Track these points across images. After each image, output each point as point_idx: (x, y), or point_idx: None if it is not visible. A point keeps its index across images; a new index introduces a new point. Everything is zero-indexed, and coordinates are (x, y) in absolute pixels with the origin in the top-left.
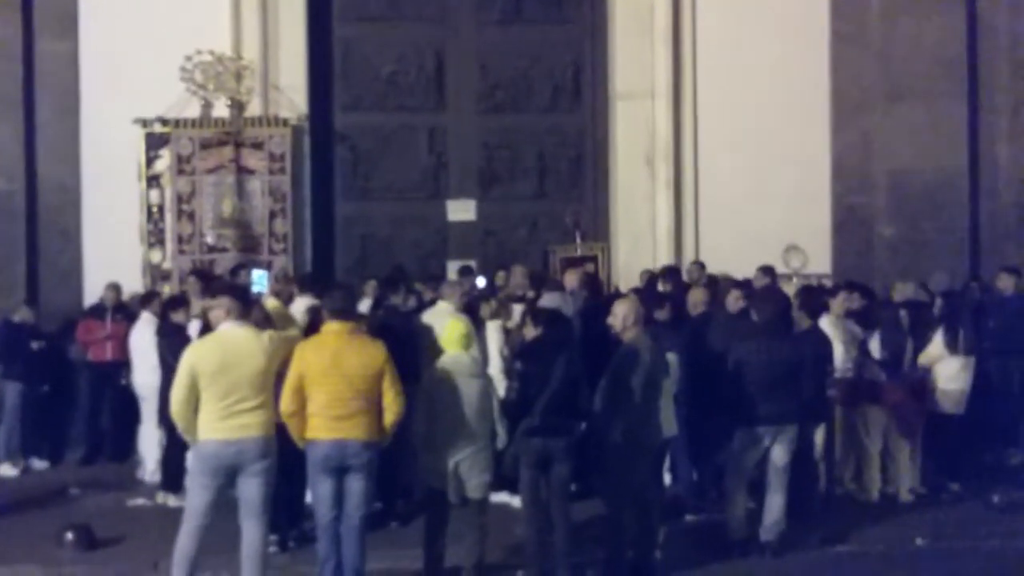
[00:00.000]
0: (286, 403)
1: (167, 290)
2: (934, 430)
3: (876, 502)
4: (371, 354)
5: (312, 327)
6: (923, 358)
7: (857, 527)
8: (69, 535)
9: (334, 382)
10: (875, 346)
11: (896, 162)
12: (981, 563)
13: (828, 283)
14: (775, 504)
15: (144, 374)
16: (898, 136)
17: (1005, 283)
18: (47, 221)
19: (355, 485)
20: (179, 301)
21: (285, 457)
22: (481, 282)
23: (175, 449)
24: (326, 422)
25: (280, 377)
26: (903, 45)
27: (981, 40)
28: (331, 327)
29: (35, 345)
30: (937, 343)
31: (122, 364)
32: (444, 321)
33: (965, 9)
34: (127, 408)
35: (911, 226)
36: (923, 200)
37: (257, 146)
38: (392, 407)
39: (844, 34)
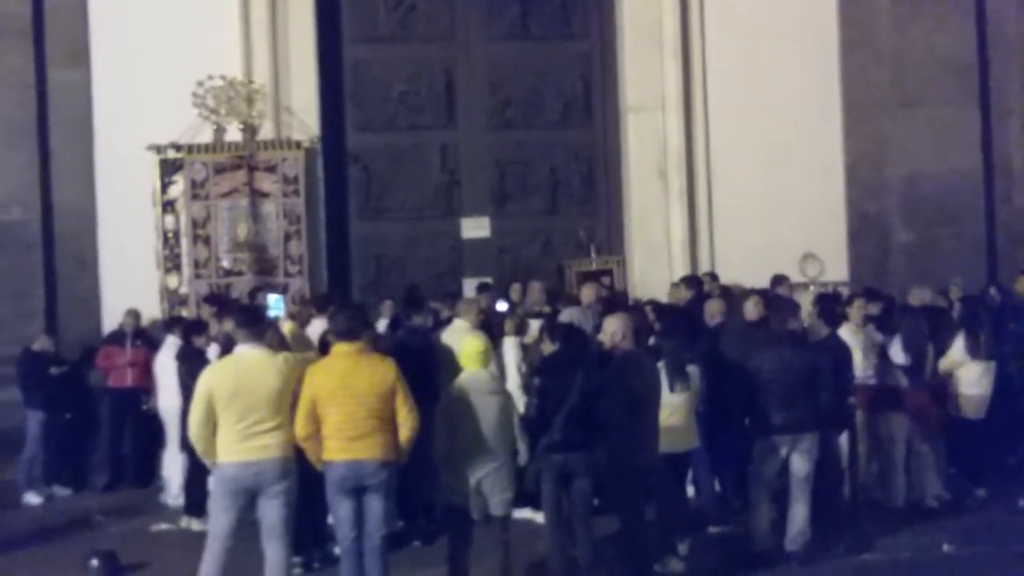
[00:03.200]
0: (300, 427)
1: (185, 314)
2: (956, 435)
3: (901, 509)
4: (381, 372)
5: (323, 350)
6: (944, 363)
7: (883, 534)
8: (94, 562)
9: (346, 403)
10: (895, 352)
11: (910, 168)
12: (1009, 568)
13: (845, 291)
14: (799, 514)
15: (168, 398)
16: (911, 142)
17: None
18: (63, 249)
19: (374, 505)
20: (200, 326)
21: (306, 478)
22: (503, 306)
23: (198, 473)
24: (341, 443)
25: (296, 399)
26: (914, 52)
27: (991, 45)
28: (339, 348)
29: (55, 370)
30: (958, 348)
31: (143, 390)
32: (461, 339)
33: (975, 14)
34: (149, 433)
35: (926, 232)
36: (938, 205)
37: (270, 169)
38: (407, 423)
39: (854, 42)
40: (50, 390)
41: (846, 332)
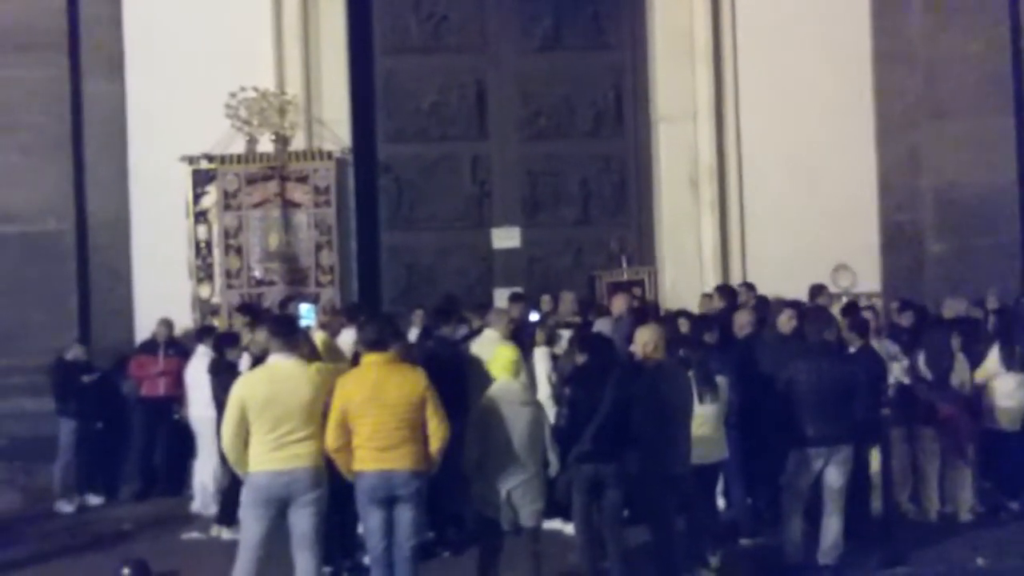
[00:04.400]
0: (331, 438)
1: (218, 324)
2: (991, 448)
3: (934, 522)
4: (412, 382)
5: (354, 361)
6: (978, 375)
7: (916, 548)
8: (125, 570)
9: (376, 413)
10: (921, 365)
11: (943, 178)
12: None
13: (878, 302)
14: (832, 527)
15: (200, 408)
16: (945, 152)
17: None
18: (97, 259)
19: (404, 515)
20: (232, 338)
21: (336, 488)
22: (535, 316)
23: (234, 482)
24: (371, 453)
25: (327, 409)
26: (947, 61)
27: None
28: (369, 359)
29: (86, 378)
30: (992, 360)
31: (175, 399)
32: (492, 349)
33: (1009, 23)
34: (180, 443)
35: (960, 242)
36: (972, 215)
37: (302, 180)
38: (437, 433)
39: (886, 51)
40: (82, 399)
41: None
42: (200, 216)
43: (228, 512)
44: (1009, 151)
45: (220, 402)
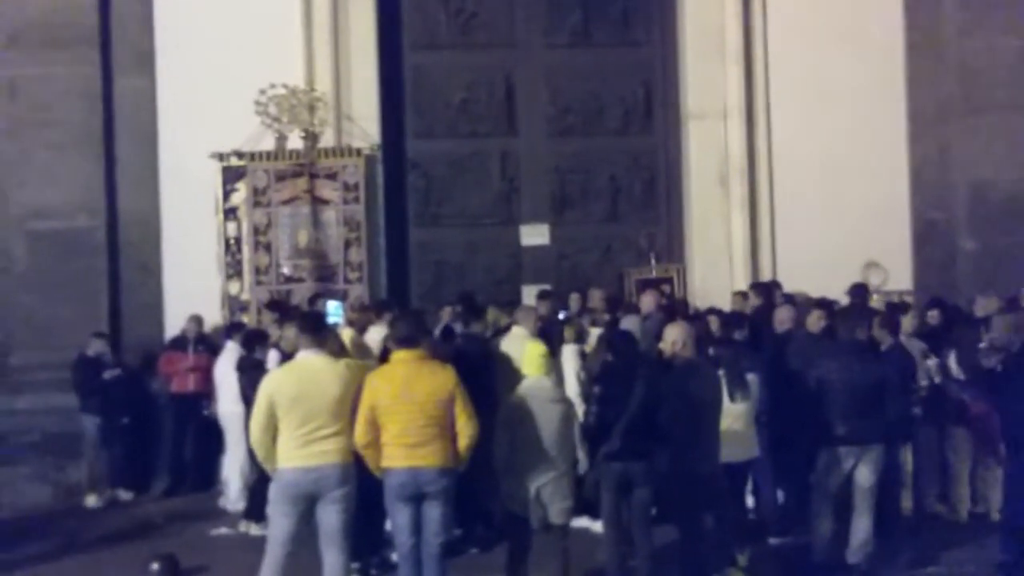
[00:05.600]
0: (360, 434)
1: (246, 320)
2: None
3: (965, 522)
4: (441, 379)
5: (383, 358)
6: None
7: (946, 548)
8: (155, 565)
9: (406, 410)
10: (952, 364)
11: (976, 175)
12: None
13: (910, 299)
14: (862, 526)
15: (228, 403)
16: (977, 148)
17: None
18: (128, 255)
19: (433, 512)
20: (261, 336)
21: (364, 484)
22: (563, 315)
23: (263, 478)
24: (400, 450)
25: (355, 406)
26: (980, 57)
27: None
28: (399, 355)
29: (108, 375)
30: None
31: (204, 395)
32: (520, 346)
33: None
34: (209, 438)
35: (993, 240)
36: (1004, 212)
37: (331, 176)
38: (465, 431)
39: (919, 47)
40: (105, 394)
41: None
42: (230, 213)
43: (256, 508)
44: None
45: (248, 399)
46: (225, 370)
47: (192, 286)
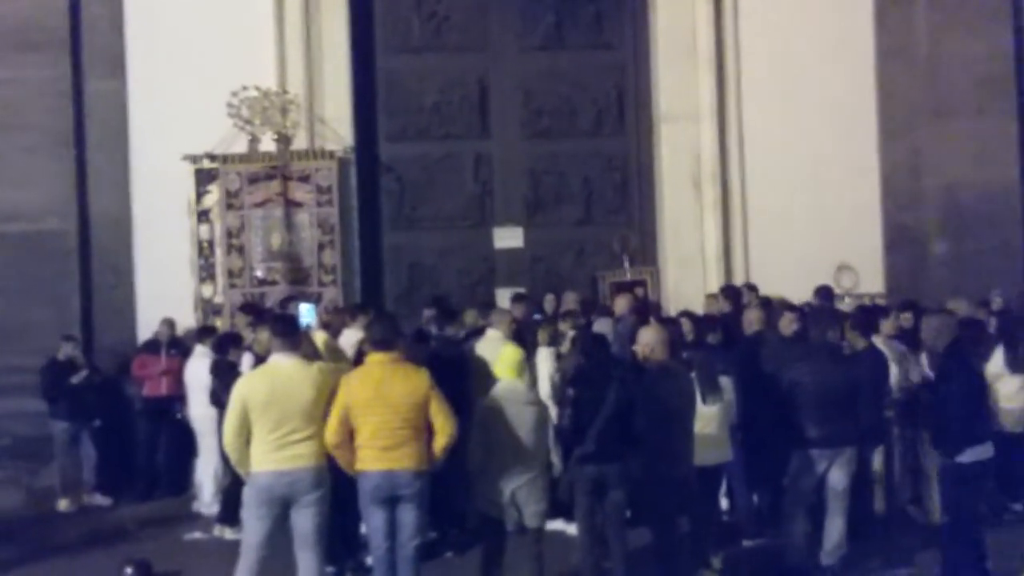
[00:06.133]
0: (331, 434)
1: (219, 324)
2: (995, 450)
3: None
4: (415, 382)
5: (357, 361)
6: None
7: (919, 550)
8: (128, 570)
9: (380, 412)
10: (925, 366)
11: (947, 179)
12: None
13: (882, 302)
14: (835, 528)
15: (200, 407)
16: (948, 152)
17: None
18: (99, 258)
19: (407, 515)
20: (235, 339)
21: (338, 487)
22: (539, 318)
23: (236, 482)
24: (374, 453)
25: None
26: (950, 62)
27: None
28: (374, 358)
29: (75, 379)
30: (996, 361)
31: (177, 398)
32: (495, 349)
33: (1011, 25)
34: (183, 442)
35: (964, 243)
36: (975, 216)
37: (304, 179)
38: (445, 429)
39: (890, 51)
40: (74, 399)
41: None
42: (202, 215)
43: (230, 512)
44: (1012, 151)
45: (221, 402)
46: (195, 373)
47: (164, 289)
